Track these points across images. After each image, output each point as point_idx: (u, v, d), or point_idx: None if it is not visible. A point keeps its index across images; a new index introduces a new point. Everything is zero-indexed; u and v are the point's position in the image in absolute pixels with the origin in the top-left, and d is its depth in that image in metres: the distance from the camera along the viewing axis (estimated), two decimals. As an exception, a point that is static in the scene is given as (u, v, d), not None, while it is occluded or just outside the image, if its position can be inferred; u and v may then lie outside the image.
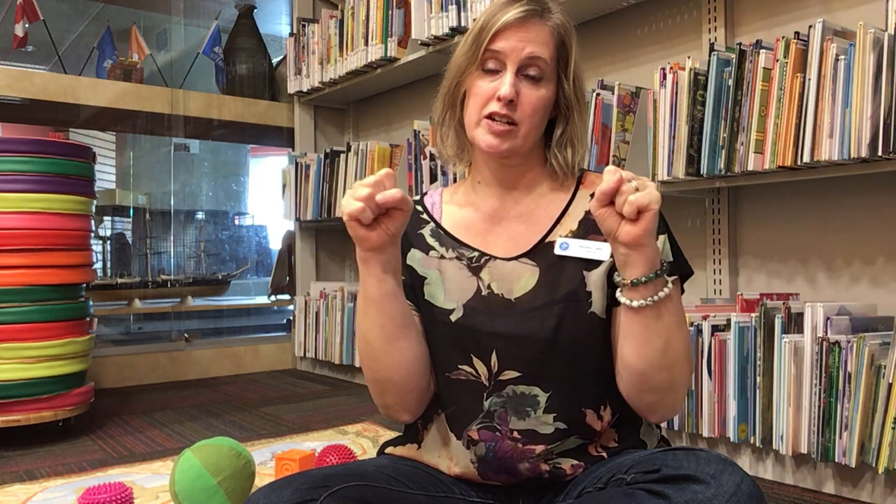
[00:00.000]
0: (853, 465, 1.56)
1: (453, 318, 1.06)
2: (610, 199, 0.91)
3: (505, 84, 1.02)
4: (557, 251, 1.05)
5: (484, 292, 1.06)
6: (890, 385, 1.52)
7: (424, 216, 1.15)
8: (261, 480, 1.62)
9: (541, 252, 1.07)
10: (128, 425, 2.48)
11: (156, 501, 1.63)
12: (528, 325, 1.03)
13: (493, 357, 1.03)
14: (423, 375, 1.07)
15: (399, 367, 1.04)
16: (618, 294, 0.97)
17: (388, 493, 0.98)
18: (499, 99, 1.03)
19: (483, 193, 1.13)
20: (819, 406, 1.62)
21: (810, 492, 1.70)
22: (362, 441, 2.16)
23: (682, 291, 1.11)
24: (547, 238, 1.08)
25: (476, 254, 1.09)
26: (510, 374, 1.03)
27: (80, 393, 2.32)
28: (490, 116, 1.04)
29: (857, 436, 1.55)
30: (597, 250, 1.03)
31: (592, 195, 1.09)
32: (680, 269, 1.07)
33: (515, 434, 1.02)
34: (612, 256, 1.03)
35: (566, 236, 1.07)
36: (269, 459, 1.94)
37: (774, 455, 1.78)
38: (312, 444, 2.12)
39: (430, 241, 1.12)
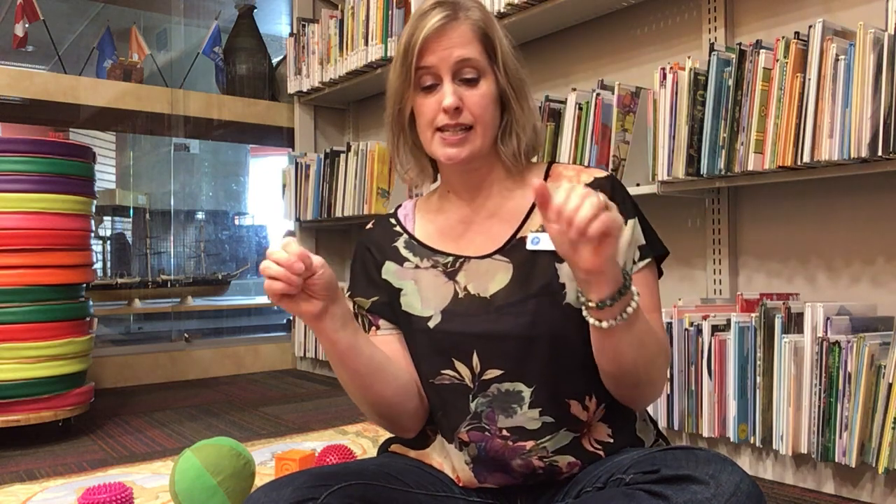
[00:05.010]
0: (853, 465, 1.56)
1: (431, 324, 1.06)
2: (556, 215, 0.85)
3: (446, 95, 1.02)
4: (529, 246, 1.05)
5: (461, 295, 1.07)
6: (890, 385, 1.52)
7: (398, 228, 1.16)
8: (261, 480, 1.61)
9: (513, 248, 1.07)
10: (128, 425, 2.48)
11: (156, 501, 1.63)
12: (504, 321, 1.03)
13: (475, 358, 1.04)
14: (409, 401, 1.08)
15: (380, 404, 1.06)
16: (584, 314, 0.95)
17: (389, 492, 0.98)
18: (445, 111, 1.03)
19: (453, 201, 1.13)
20: (819, 406, 1.62)
21: (810, 492, 1.70)
22: (362, 441, 2.16)
23: (661, 274, 1.10)
24: (518, 234, 1.08)
25: (451, 258, 1.09)
26: (493, 373, 1.03)
27: (80, 393, 2.32)
28: (441, 129, 1.04)
29: (857, 436, 1.55)
30: None
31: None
32: (654, 251, 1.06)
33: (504, 432, 1.02)
34: None
35: (537, 231, 1.06)
36: (269, 459, 1.94)
37: (774, 455, 1.78)
38: (312, 444, 2.12)
39: (404, 252, 1.13)
